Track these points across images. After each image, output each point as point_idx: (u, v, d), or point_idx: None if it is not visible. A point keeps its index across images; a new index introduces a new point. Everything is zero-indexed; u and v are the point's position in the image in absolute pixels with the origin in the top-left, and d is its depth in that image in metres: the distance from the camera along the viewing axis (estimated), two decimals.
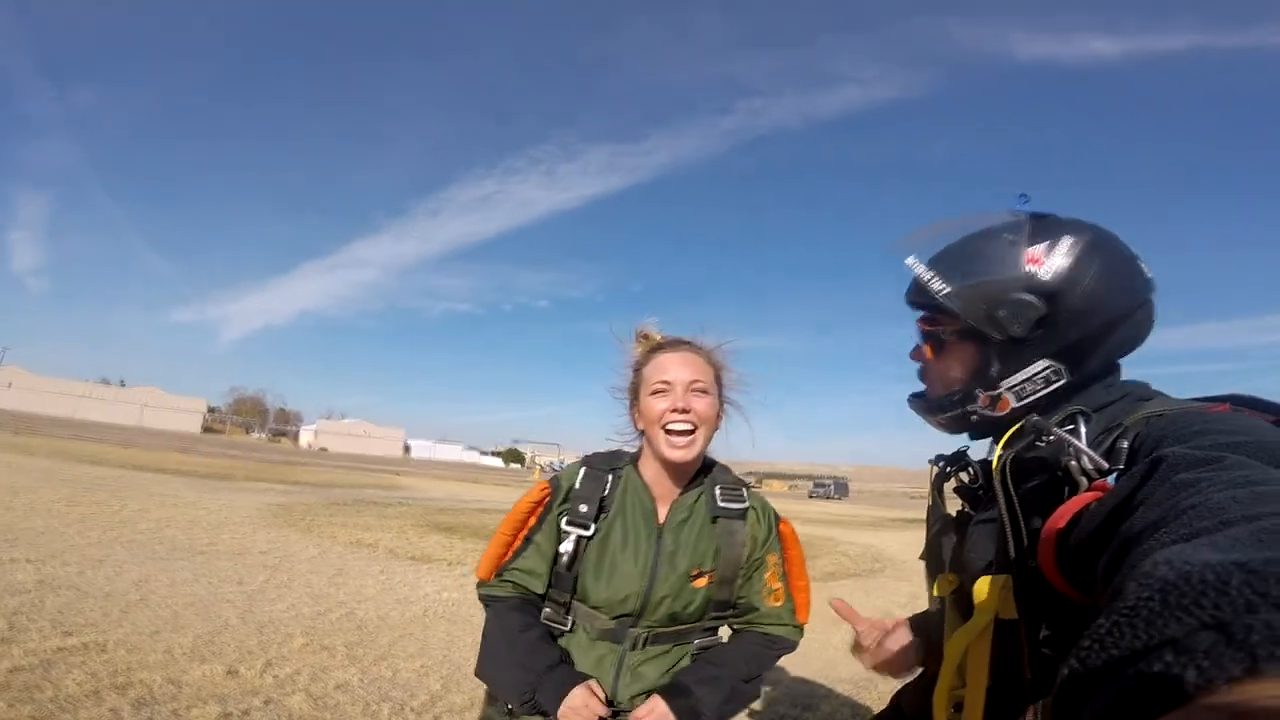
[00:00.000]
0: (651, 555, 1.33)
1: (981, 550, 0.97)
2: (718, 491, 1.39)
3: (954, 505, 1.14)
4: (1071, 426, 0.86)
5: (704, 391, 1.33)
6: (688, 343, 1.40)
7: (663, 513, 1.37)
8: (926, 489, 1.18)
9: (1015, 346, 0.94)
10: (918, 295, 1.05)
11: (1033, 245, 0.92)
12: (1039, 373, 0.93)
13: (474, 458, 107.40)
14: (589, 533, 1.33)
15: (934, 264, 1.00)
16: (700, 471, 1.42)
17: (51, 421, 41.09)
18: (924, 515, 1.17)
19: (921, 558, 1.16)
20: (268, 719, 2.78)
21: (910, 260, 1.02)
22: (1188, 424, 0.74)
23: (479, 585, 1.40)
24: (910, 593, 8.09)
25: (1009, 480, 0.90)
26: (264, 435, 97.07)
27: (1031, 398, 0.95)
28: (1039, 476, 0.88)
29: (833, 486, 74.77)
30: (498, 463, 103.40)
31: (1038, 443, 0.90)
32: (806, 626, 1.45)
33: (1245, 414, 0.77)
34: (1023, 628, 0.86)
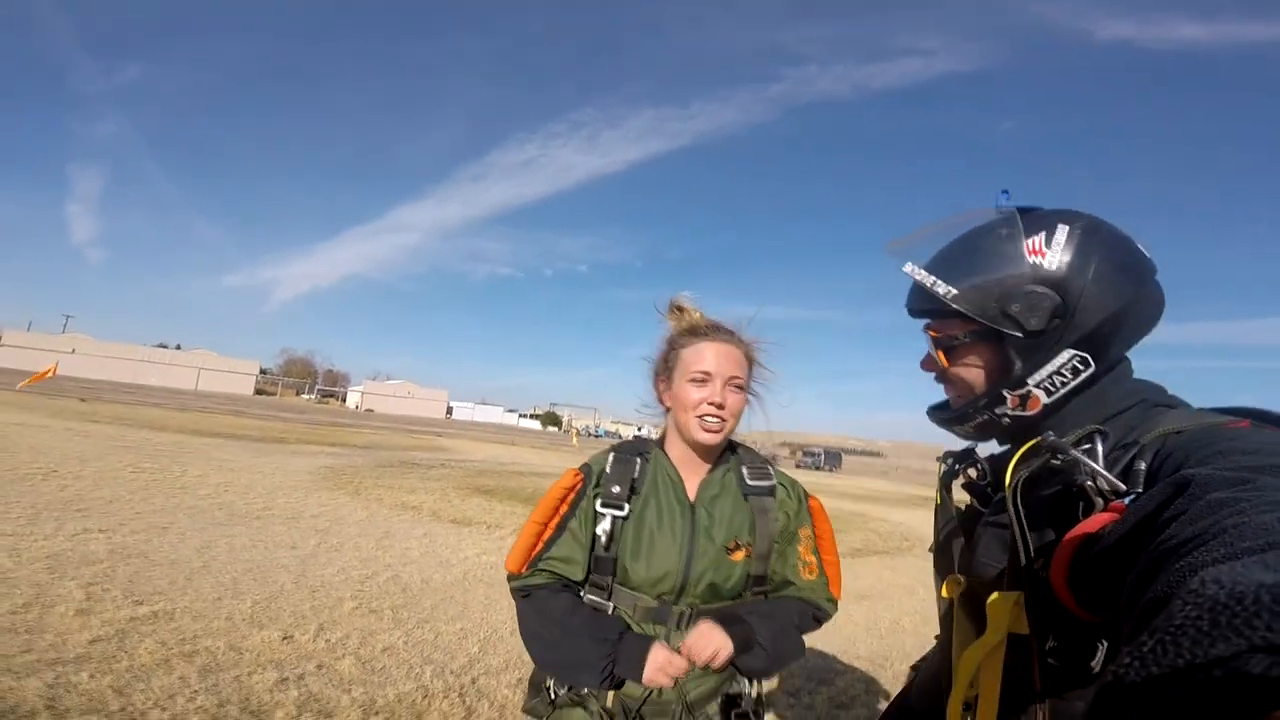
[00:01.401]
0: (688, 530, 1.35)
1: (990, 555, 0.97)
2: (745, 471, 1.43)
3: (961, 498, 1.14)
4: (1088, 446, 0.85)
5: (740, 388, 1.38)
6: (730, 333, 1.41)
7: (692, 490, 1.40)
8: (936, 470, 1.17)
9: (1035, 341, 0.91)
10: (922, 302, 1.02)
11: (1030, 237, 0.91)
12: (1065, 363, 0.90)
13: (512, 420, 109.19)
14: (624, 513, 1.36)
15: (934, 268, 0.97)
16: (725, 450, 1.46)
17: (114, 387, 43.05)
18: (958, 495, 1.14)
19: (930, 550, 1.17)
20: (320, 683, 3.00)
21: (909, 267, 0.99)
22: (1209, 443, 0.73)
23: (511, 578, 1.38)
24: None
25: (1019, 500, 0.89)
26: (313, 397, 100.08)
27: (1062, 391, 0.92)
28: (1052, 492, 0.87)
29: (823, 456, 70.11)
30: (535, 425, 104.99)
31: (1053, 461, 0.88)
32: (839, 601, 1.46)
33: (1268, 430, 0.74)
34: (1034, 643, 0.87)
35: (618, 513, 1.36)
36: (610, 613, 1.34)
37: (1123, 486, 0.77)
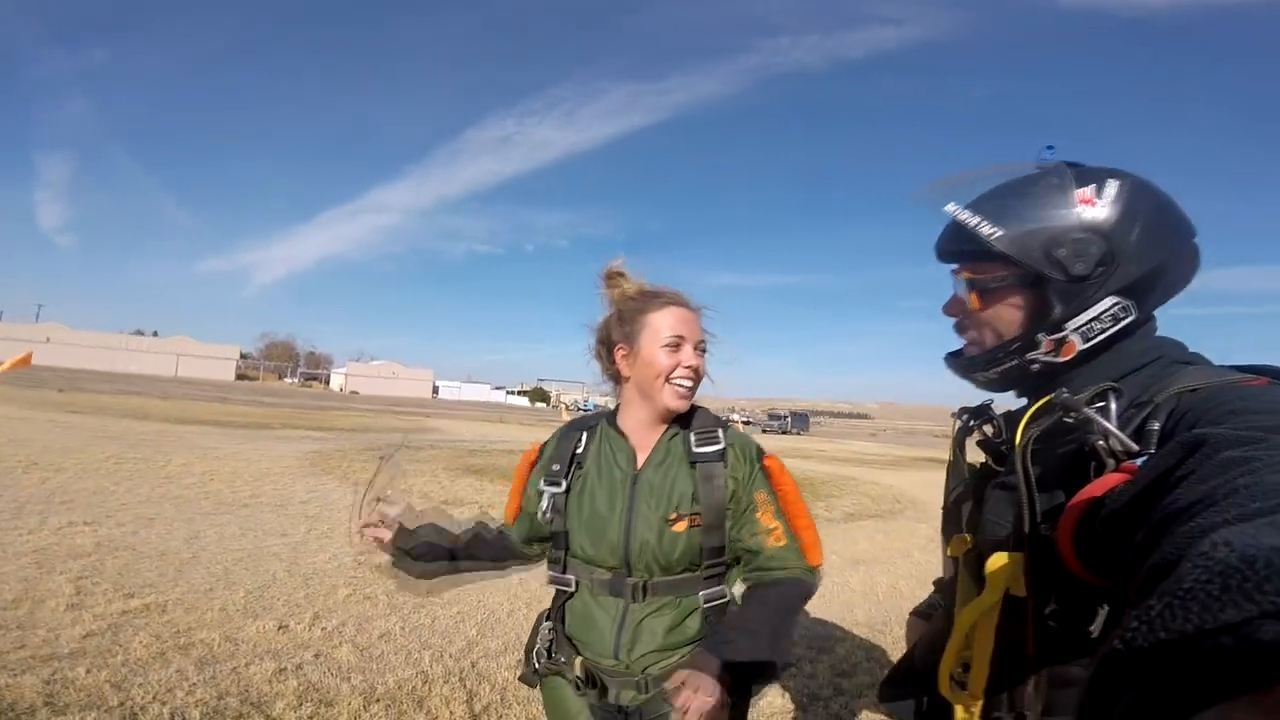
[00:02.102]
0: (626, 502, 1.35)
1: (998, 514, 0.96)
2: (693, 437, 1.37)
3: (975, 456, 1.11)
4: (1101, 404, 0.84)
5: (704, 350, 1.41)
6: (687, 300, 1.42)
7: (641, 459, 1.39)
8: (950, 427, 1.15)
9: (1078, 286, 0.89)
10: (959, 243, 1.00)
11: (1081, 187, 0.90)
12: (1107, 310, 0.89)
13: (500, 397, 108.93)
14: (561, 489, 1.39)
15: (977, 209, 0.94)
16: (678, 416, 1.41)
17: (91, 375, 42.38)
18: (946, 454, 1.14)
19: (943, 509, 1.16)
20: (319, 672, 2.99)
21: (951, 206, 0.96)
22: (1223, 401, 0.72)
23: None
24: (928, 535, 8.12)
25: (1029, 460, 0.88)
26: (295, 381, 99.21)
27: (1099, 337, 0.91)
28: (1064, 452, 0.86)
29: (790, 420, 68.81)
30: (523, 402, 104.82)
31: (1065, 419, 0.88)
32: (822, 569, 1.38)
33: None
34: (1029, 605, 0.87)
35: (556, 489, 1.40)
36: (570, 585, 1.40)
37: (1135, 446, 0.76)
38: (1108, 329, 0.90)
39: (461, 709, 2.81)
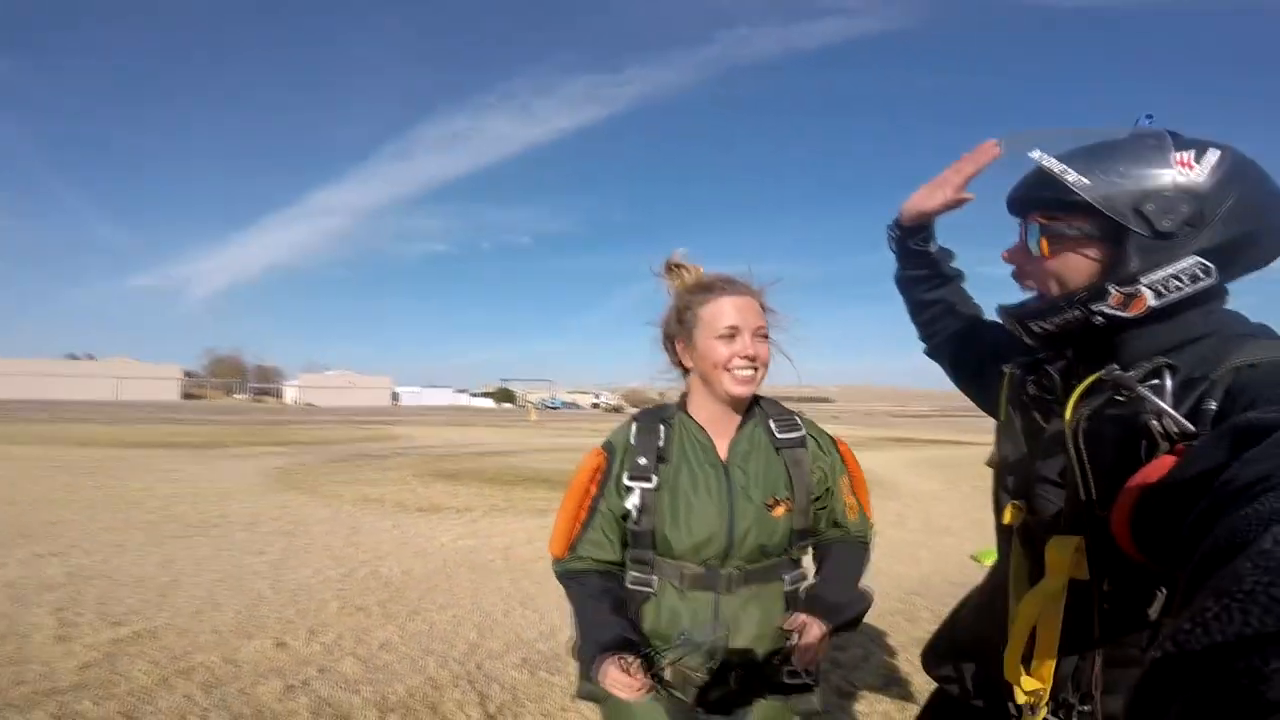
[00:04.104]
0: (725, 491, 1.34)
1: (1050, 490, 0.97)
2: (772, 425, 1.41)
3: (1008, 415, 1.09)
4: (1155, 382, 0.82)
5: (765, 336, 1.38)
6: (743, 284, 1.40)
7: (723, 449, 1.39)
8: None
9: (1160, 242, 0.86)
10: (1039, 190, 0.97)
11: (1180, 151, 0.87)
12: (1186, 268, 0.86)
13: (464, 400, 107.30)
14: (653, 484, 1.35)
15: (1066, 160, 0.92)
16: (750, 405, 1.44)
17: (26, 404, 40.40)
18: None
19: (987, 464, 1.15)
20: (327, 687, 2.96)
21: (1037, 153, 0.93)
22: None
23: (555, 563, 1.42)
24: (897, 511, 8.36)
25: (1081, 440, 0.87)
26: (246, 396, 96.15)
27: (1173, 295, 0.87)
28: (1116, 431, 0.85)
29: None
30: (489, 403, 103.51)
31: (1117, 397, 0.86)
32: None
33: None
34: (1095, 589, 0.86)
35: (646, 485, 1.35)
36: (653, 586, 1.36)
37: (1191, 428, 0.75)
38: (1184, 288, 0.87)
39: (476, 711, 2.81)
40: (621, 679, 1.21)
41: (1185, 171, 0.86)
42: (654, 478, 1.36)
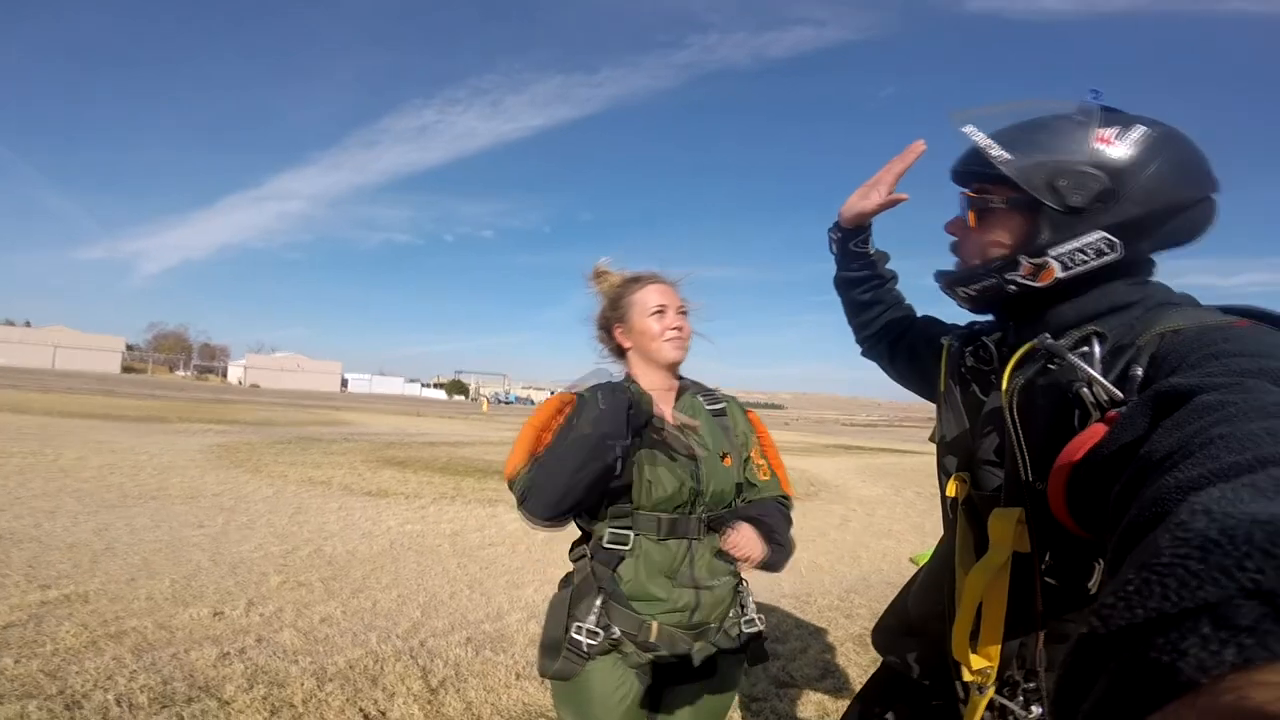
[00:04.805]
0: (685, 443, 1.47)
1: (991, 464, 0.99)
2: (700, 398, 1.63)
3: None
4: (1085, 350, 0.84)
5: (685, 313, 1.59)
6: (664, 275, 1.62)
7: (667, 414, 1.53)
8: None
9: (1070, 216, 0.89)
10: (970, 164, 1.01)
11: (1104, 128, 0.89)
12: (1091, 243, 0.89)
13: (415, 390, 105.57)
14: (628, 440, 1.39)
15: (996, 135, 0.94)
16: (680, 384, 1.63)
17: None
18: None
19: (930, 439, 1.17)
20: (264, 655, 2.92)
21: (969, 129, 0.96)
22: (1204, 344, 0.72)
23: (512, 483, 1.38)
24: (843, 515, 8.66)
25: (1016, 413, 0.89)
26: (189, 373, 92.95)
27: (1079, 268, 0.90)
28: (1050, 400, 0.87)
29: None
30: (440, 395, 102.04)
31: (1049, 366, 0.88)
32: (793, 499, 1.68)
33: (1266, 330, 0.73)
34: (1036, 561, 0.88)
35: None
36: (628, 543, 1.41)
37: (1119, 395, 0.77)
38: (1089, 261, 0.90)
39: (418, 684, 2.81)
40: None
41: (1104, 148, 0.88)
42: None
